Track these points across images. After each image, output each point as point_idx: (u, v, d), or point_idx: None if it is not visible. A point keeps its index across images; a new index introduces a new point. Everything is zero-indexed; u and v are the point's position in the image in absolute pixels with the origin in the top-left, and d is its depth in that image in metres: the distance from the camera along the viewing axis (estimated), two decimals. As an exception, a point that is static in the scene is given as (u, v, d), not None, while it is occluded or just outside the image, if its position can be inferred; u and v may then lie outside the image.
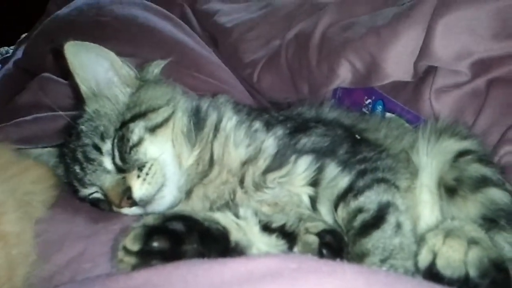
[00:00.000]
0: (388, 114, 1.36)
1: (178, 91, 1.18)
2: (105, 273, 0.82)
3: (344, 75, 1.47)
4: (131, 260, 0.77)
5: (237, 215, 0.98)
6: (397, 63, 1.35)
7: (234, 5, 2.06)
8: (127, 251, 0.78)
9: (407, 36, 1.32)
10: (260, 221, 1.00)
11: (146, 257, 0.77)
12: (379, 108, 1.41)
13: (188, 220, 0.84)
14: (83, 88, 1.13)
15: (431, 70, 1.31)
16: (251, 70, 1.74)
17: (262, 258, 0.74)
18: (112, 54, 1.13)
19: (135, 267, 0.77)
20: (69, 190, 1.15)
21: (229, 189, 1.07)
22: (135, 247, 0.77)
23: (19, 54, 2.46)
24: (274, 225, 1.00)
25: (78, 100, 1.22)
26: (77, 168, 1.08)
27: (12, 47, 3.14)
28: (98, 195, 1.09)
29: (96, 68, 1.12)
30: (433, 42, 1.25)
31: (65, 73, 1.74)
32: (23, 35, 2.93)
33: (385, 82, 1.39)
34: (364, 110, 1.45)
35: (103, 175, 1.06)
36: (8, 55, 3.16)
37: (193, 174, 1.09)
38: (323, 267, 0.72)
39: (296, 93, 1.63)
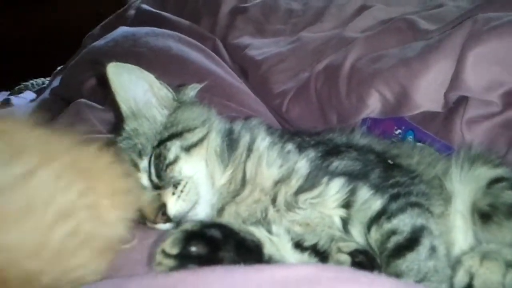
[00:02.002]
0: (418, 144, 1.36)
1: (213, 113, 1.22)
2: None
3: (373, 105, 1.49)
4: (170, 263, 0.79)
5: (270, 231, 0.99)
6: (428, 93, 1.37)
7: (264, 40, 2.12)
8: (165, 254, 0.80)
9: (438, 67, 1.34)
10: (292, 239, 1.01)
11: (184, 261, 0.79)
12: (410, 138, 1.42)
13: (225, 228, 0.86)
14: (123, 107, 1.18)
15: (462, 101, 1.33)
16: (280, 100, 1.77)
17: (299, 266, 0.75)
18: (151, 77, 1.19)
19: (172, 270, 0.78)
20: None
21: (261, 207, 1.08)
22: (174, 250, 0.79)
23: (55, 83, 2.56)
24: (306, 243, 1.01)
25: (117, 120, 1.26)
26: None
27: (48, 78, 3.27)
28: (133, 210, 1.11)
29: (135, 88, 1.17)
30: (464, 73, 1.27)
31: (104, 98, 1.82)
32: (59, 67, 3.05)
33: (415, 112, 1.41)
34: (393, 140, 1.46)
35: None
36: (44, 85, 3.29)
37: (225, 193, 1.12)
38: (361, 278, 0.72)
39: (324, 123, 1.65)
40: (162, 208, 1.05)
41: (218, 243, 0.82)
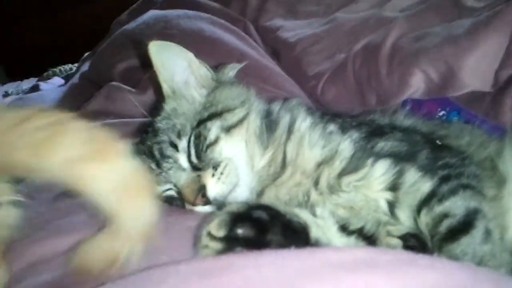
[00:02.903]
0: (467, 125, 1.30)
1: (252, 94, 1.18)
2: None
3: (417, 85, 1.43)
4: (216, 245, 0.76)
5: (314, 214, 0.94)
6: (476, 72, 1.31)
7: (296, 22, 2.06)
8: (212, 236, 0.76)
9: (487, 44, 1.28)
10: (337, 222, 0.96)
11: (231, 243, 0.75)
12: (455, 119, 1.35)
13: (271, 210, 0.82)
14: (164, 86, 1.15)
15: (512, 80, 1.26)
16: (315, 83, 1.72)
17: (354, 249, 0.71)
18: (190, 55, 1.15)
19: (219, 253, 0.75)
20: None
21: (303, 191, 1.04)
22: (220, 233, 0.76)
23: (84, 68, 2.55)
24: (352, 227, 0.96)
25: (156, 102, 1.22)
26: (153, 165, 1.09)
27: (76, 64, 3.27)
28: (172, 192, 1.09)
29: (175, 67, 1.14)
30: (517, 49, 1.20)
31: (137, 81, 1.80)
32: (86, 53, 3.05)
33: (463, 92, 1.35)
34: (437, 122, 1.39)
35: (178, 172, 1.07)
36: (72, 71, 3.30)
37: (264, 176, 1.08)
38: (419, 260, 0.67)
39: (363, 105, 1.60)
40: (201, 190, 1.02)
41: (265, 225, 0.78)
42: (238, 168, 1.06)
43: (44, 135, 0.75)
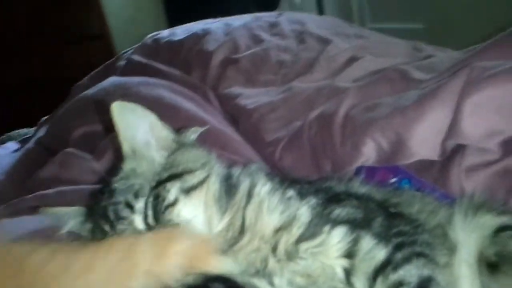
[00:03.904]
0: (418, 193, 1.34)
1: (213, 157, 1.19)
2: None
3: (368, 153, 1.48)
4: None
5: (272, 284, 0.93)
6: (424, 141, 1.37)
7: (255, 90, 2.13)
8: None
9: (434, 115, 1.35)
10: None
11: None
12: (406, 186, 1.40)
13: (229, 282, 0.80)
14: (125, 145, 1.14)
15: (459, 149, 1.32)
16: (273, 149, 1.76)
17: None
18: (152, 116, 1.16)
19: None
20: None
21: (260, 257, 1.03)
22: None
23: (40, 133, 2.51)
24: (309, 297, 0.96)
25: (115, 163, 1.22)
26: (106, 227, 1.06)
27: (32, 128, 3.21)
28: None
29: (137, 127, 1.13)
30: (461, 121, 1.27)
31: (93, 147, 1.78)
32: (44, 118, 3.01)
33: (412, 160, 1.40)
34: (389, 189, 1.43)
35: (134, 234, 1.04)
36: (28, 135, 3.22)
37: (222, 241, 1.07)
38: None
39: (318, 171, 1.63)
40: None
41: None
42: (195, 231, 1.05)
43: None
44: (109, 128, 1.19)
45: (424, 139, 1.38)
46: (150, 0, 4.86)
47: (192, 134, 1.24)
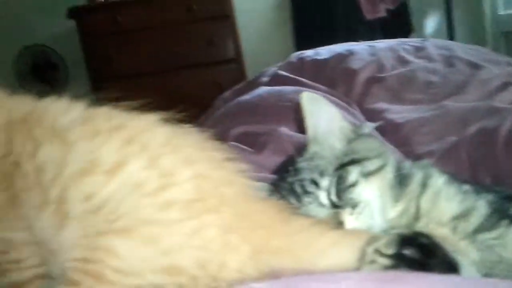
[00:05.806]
0: None
1: (388, 149, 1.27)
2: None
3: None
4: (384, 261, 0.81)
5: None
6: None
7: (402, 107, 2.18)
8: (380, 253, 0.82)
9: None
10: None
11: (397, 261, 0.80)
12: None
13: (432, 239, 0.87)
14: (309, 131, 1.26)
15: None
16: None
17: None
18: (334, 109, 1.27)
19: (385, 269, 0.80)
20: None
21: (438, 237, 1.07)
22: (389, 250, 0.82)
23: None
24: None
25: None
26: (293, 200, 1.17)
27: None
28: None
29: (320, 116, 1.25)
30: None
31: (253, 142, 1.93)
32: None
33: None
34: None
35: (318, 208, 1.14)
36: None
37: (397, 226, 1.13)
38: None
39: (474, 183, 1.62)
40: (339, 226, 1.09)
41: (429, 250, 0.84)
42: (374, 212, 1.12)
43: None
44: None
45: None
46: (280, 28, 5.13)
47: (366, 128, 1.33)
